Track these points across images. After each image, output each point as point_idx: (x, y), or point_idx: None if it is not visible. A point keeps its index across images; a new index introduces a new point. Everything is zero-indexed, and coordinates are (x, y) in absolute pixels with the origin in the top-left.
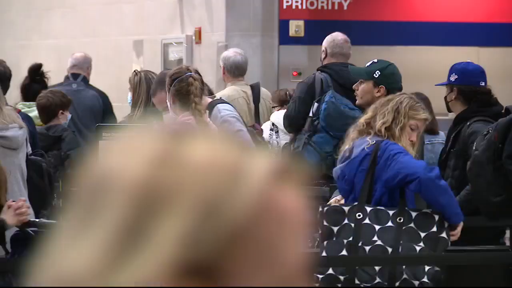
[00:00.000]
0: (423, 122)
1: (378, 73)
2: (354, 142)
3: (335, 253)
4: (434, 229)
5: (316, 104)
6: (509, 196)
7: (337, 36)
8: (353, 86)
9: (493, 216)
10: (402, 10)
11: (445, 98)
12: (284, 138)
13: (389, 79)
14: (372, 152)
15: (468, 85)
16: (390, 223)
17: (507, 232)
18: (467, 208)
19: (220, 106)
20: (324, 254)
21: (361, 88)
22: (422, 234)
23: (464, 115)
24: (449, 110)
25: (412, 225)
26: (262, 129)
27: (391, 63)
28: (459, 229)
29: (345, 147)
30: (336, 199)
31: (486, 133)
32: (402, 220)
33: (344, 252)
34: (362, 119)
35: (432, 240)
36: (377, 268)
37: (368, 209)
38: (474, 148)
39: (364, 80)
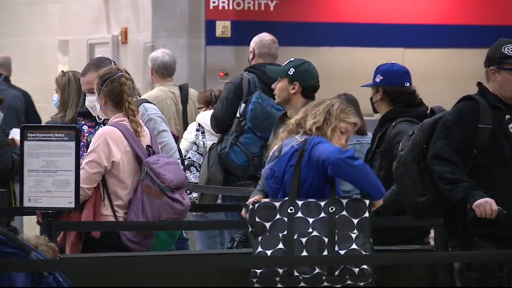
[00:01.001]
0: (353, 126)
1: (292, 70)
2: (283, 142)
3: (272, 247)
4: (366, 214)
5: (243, 105)
6: (434, 196)
7: (265, 36)
8: (272, 85)
9: (418, 216)
10: (328, 11)
11: (371, 99)
12: (211, 138)
13: (302, 76)
14: (300, 148)
15: (393, 86)
16: (323, 214)
17: (432, 232)
18: (393, 208)
19: (146, 104)
20: (260, 249)
21: (278, 86)
22: (355, 221)
23: (389, 116)
24: (375, 111)
25: (344, 213)
26: (176, 135)
27: (307, 61)
28: (377, 205)
29: (274, 147)
30: (255, 199)
31: (411, 134)
32: (334, 210)
33: (280, 246)
34: (292, 120)
35: (364, 226)
36: None
37: (299, 202)
38: (399, 148)
39: (281, 78)
